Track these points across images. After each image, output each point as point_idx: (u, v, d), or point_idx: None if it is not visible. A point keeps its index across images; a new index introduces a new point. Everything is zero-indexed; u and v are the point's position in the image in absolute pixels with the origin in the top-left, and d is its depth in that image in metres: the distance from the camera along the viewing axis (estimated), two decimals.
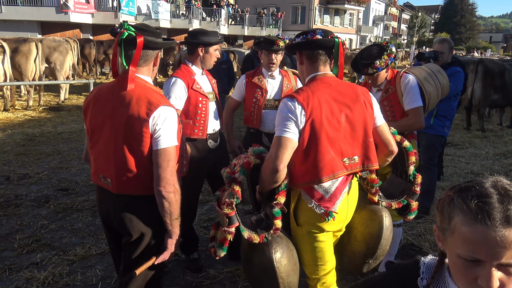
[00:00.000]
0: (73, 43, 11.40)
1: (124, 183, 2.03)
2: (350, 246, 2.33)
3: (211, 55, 3.16)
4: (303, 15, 42.82)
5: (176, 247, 2.14)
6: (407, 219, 2.57)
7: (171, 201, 1.99)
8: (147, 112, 1.94)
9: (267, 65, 3.55)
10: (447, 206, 0.99)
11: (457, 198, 0.97)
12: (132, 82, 2.00)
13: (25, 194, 4.99)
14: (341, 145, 2.05)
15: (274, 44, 3.45)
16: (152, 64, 2.13)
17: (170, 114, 2.00)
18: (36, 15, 22.55)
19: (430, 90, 3.13)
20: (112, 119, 2.01)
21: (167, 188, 1.97)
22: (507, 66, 9.34)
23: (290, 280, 2.08)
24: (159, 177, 1.96)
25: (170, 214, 2.02)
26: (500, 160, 7.12)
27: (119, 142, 1.99)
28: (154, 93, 2.04)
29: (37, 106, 10.59)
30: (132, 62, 1.98)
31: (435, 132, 4.30)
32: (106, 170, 2.07)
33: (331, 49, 2.12)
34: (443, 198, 1.03)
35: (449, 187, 1.05)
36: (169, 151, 1.97)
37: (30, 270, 3.41)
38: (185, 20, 28.95)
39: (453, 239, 0.97)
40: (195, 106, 3.10)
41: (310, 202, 2.09)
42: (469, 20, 73.70)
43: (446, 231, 0.99)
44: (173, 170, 1.99)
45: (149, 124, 1.94)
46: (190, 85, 3.07)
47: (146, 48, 2.04)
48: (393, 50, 2.94)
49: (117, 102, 2.01)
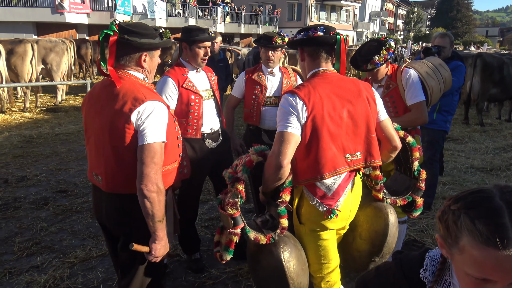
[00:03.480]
0: (69, 44, 11.33)
1: (113, 181, 2.00)
2: (355, 245, 2.30)
3: (195, 53, 3.05)
4: (300, 12, 42.78)
5: (164, 251, 2.03)
6: (413, 216, 2.52)
7: (153, 201, 1.88)
8: (131, 107, 1.89)
9: (265, 61, 3.54)
10: (452, 224, 0.93)
11: (464, 217, 0.90)
12: (117, 80, 1.96)
13: (23, 197, 4.95)
14: (343, 141, 2.02)
15: (271, 41, 3.42)
16: (136, 64, 2.05)
17: (157, 109, 1.93)
18: (32, 16, 22.43)
19: (432, 85, 3.10)
20: (100, 115, 1.99)
21: (149, 187, 1.86)
22: (505, 60, 9.33)
23: (300, 280, 2.02)
24: (142, 174, 1.87)
25: (153, 216, 1.91)
26: (500, 154, 7.10)
27: (106, 138, 1.96)
28: (143, 89, 1.99)
29: (34, 107, 10.52)
30: (108, 61, 1.95)
31: (438, 127, 4.27)
32: (97, 167, 2.05)
33: (332, 45, 2.09)
34: (446, 211, 0.96)
35: (450, 197, 0.98)
36: (153, 147, 1.89)
37: (31, 273, 3.37)
38: (181, 18, 28.86)
39: (461, 258, 0.92)
40: (186, 105, 3.04)
41: (313, 200, 2.06)
42: (465, 14, 73.71)
43: (452, 247, 0.94)
44: (157, 168, 1.90)
45: (132, 120, 1.89)
46: (181, 83, 3.02)
47: (125, 48, 1.99)
48: (392, 44, 2.91)
49: (106, 98, 1.99)
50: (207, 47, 3.09)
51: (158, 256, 2.01)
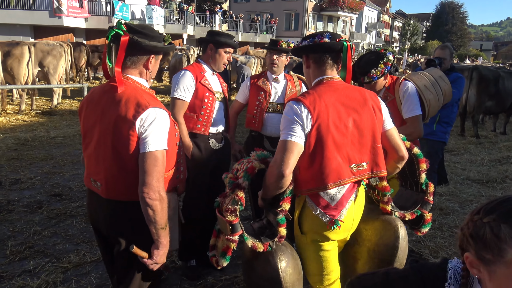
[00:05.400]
0: (66, 47, 11.28)
1: (113, 188, 1.96)
2: (363, 261, 2.22)
3: (220, 56, 3.17)
4: (297, 22, 43.06)
5: (164, 259, 2.02)
6: (421, 233, 2.42)
7: (156, 209, 1.87)
8: (134, 114, 1.86)
9: (269, 65, 3.57)
10: (492, 237, 0.88)
11: (504, 227, 0.87)
12: (121, 84, 1.92)
13: (17, 200, 4.88)
14: (349, 150, 1.99)
15: (277, 45, 3.47)
16: (142, 67, 2.02)
17: (159, 116, 1.90)
18: (29, 19, 22.33)
19: (430, 98, 3.08)
20: (101, 120, 1.95)
21: (151, 195, 1.85)
22: (501, 73, 9.42)
23: None
24: (144, 182, 1.85)
25: (155, 223, 1.89)
26: (496, 166, 7.13)
27: (108, 144, 1.92)
28: (145, 95, 1.95)
29: (29, 110, 10.44)
30: (116, 62, 1.91)
31: (438, 139, 4.27)
32: (96, 173, 2.01)
33: (338, 52, 2.07)
34: (479, 226, 0.92)
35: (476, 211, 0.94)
36: (155, 155, 1.86)
37: (23, 278, 3.31)
38: (179, 25, 28.91)
39: (509, 272, 0.87)
40: (201, 100, 3.10)
41: (315, 210, 2.03)
42: (460, 28, 74.53)
43: (495, 263, 0.89)
44: (159, 176, 1.88)
45: (136, 127, 1.86)
46: (198, 78, 3.10)
47: (134, 49, 1.96)
48: (390, 58, 2.91)
49: (107, 103, 1.95)
50: (230, 53, 3.21)
51: (159, 262, 1.98)
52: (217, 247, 2.15)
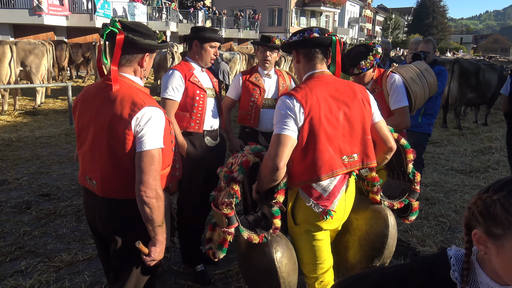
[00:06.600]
0: (48, 46, 11.12)
1: (109, 186, 1.98)
2: (354, 249, 2.29)
3: (206, 51, 3.14)
4: (280, 17, 43.03)
5: (161, 255, 2.05)
6: (409, 221, 2.51)
7: (153, 207, 1.89)
8: (130, 113, 1.87)
9: (261, 61, 3.59)
10: (503, 212, 0.95)
11: None
12: (116, 82, 1.93)
13: (4, 201, 4.83)
14: (340, 143, 2.04)
15: (270, 41, 3.51)
16: (136, 65, 2.03)
17: (155, 115, 1.92)
18: (9, 18, 21.87)
19: (416, 90, 3.16)
20: (96, 119, 1.96)
21: (148, 193, 1.87)
22: (481, 66, 9.62)
23: (290, 279, 2.05)
24: (141, 181, 1.86)
25: (152, 221, 1.92)
26: (478, 156, 7.31)
27: (103, 143, 1.93)
28: (140, 93, 1.97)
29: (12, 110, 10.28)
30: (112, 61, 1.92)
31: (423, 130, 4.37)
32: (92, 171, 2.02)
33: (328, 47, 2.12)
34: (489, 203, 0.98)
35: (485, 190, 1.01)
36: (152, 154, 1.88)
37: (15, 278, 3.30)
38: (162, 22, 28.65)
39: None
40: (192, 99, 3.09)
41: (308, 201, 2.08)
42: (441, 21, 75.62)
43: (504, 237, 0.95)
44: (156, 174, 1.90)
45: (131, 126, 1.87)
46: (187, 77, 3.08)
47: (129, 48, 1.96)
48: (379, 50, 2.99)
49: (102, 102, 1.96)
50: (216, 47, 3.18)
51: (157, 259, 2.02)
52: (213, 240, 2.19)
